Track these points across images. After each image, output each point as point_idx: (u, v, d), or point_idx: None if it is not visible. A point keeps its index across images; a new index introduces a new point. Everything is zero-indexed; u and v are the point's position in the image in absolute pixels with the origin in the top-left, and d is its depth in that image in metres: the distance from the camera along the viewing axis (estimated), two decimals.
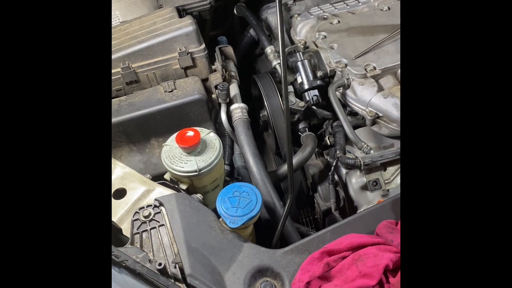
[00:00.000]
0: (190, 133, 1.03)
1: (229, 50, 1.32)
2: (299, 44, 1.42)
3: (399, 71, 1.25)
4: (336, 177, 1.26)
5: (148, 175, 1.09)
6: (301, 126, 1.36)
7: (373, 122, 1.23)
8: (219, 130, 1.31)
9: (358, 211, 1.20)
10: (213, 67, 1.23)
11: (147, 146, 1.23)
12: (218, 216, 0.99)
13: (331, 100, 1.24)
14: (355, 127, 1.31)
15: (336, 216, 1.23)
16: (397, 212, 0.94)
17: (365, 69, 1.25)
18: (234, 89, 1.25)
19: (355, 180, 1.23)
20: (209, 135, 1.09)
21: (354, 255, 0.87)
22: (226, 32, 1.71)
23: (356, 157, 1.17)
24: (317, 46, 1.37)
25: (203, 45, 1.21)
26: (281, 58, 0.95)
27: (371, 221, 0.93)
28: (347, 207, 1.24)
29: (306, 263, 0.89)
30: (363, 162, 1.14)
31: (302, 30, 1.48)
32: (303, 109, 1.31)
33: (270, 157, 1.53)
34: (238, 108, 1.20)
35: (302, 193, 1.34)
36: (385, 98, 1.19)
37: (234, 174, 1.34)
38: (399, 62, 1.25)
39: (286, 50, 1.44)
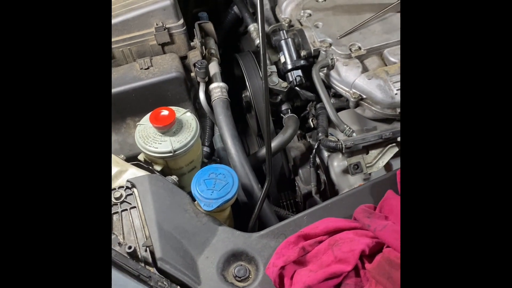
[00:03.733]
0: (165, 112, 0.99)
1: (209, 26, 1.27)
2: (283, 23, 1.37)
3: (385, 51, 1.21)
4: (317, 160, 1.23)
5: (122, 156, 1.05)
6: (283, 107, 1.32)
7: (357, 104, 1.19)
8: (199, 110, 1.27)
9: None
10: (192, 44, 1.18)
11: (122, 125, 1.19)
12: (193, 199, 0.95)
13: (314, 81, 1.20)
14: (339, 109, 1.27)
15: (317, 199, 1.20)
16: (375, 196, 0.92)
17: (350, 49, 1.21)
18: (213, 68, 1.21)
19: (337, 164, 1.20)
20: (185, 114, 1.05)
21: (330, 239, 0.84)
22: (211, 9, 1.65)
23: (338, 139, 1.14)
24: (301, 25, 1.33)
25: (181, 21, 1.16)
26: (260, 37, 0.91)
27: (349, 205, 0.91)
28: (328, 190, 1.21)
29: (281, 247, 0.86)
30: (345, 145, 1.11)
31: (287, 8, 1.43)
32: (285, 90, 1.27)
33: (253, 139, 1.50)
34: (218, 88, 1.16)
35: (283, 176, 1.31)
36: (369, 79, 1.15)
37: (214, 156, 1.30)
38: (385, 42, 1.21)
39: (269, 28, 1.40)
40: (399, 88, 1.12)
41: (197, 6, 1.66)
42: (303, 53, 1.25)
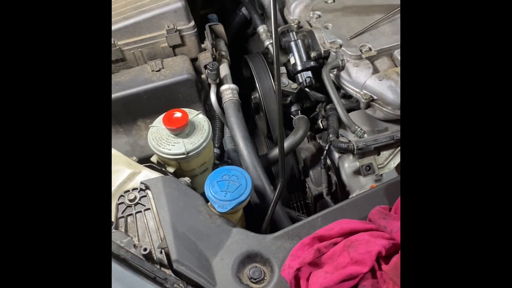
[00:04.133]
0: (178, 114, 0.99)
1: (220, 28, 1.27)
2: (292, 24, 1.38)
3: (395, 52, 1.22)
4: (328, 161, 1.22)
5: (135, 158, 1.05)
6: (293, 109, 1.32)
7: (368, 105, 1.19)
8: (209, 112, 1.27)
9: (350, 196, 1.18)
10: (202, 45, 1.19)
11: (133, 127, 1.19)
12: (207, 200, 0.95)
13: (325, 82, 1.20)
14: (349, 110, 1.27)
15: (328, 201, 1.20)
16: (390, 197, 0.92)
17: (360, 50, 1.21)
18: (224, 69, 1.21)
19: (348, 165, 1.20)
20: (197, 116, 1.05)
21: (345, 241, 0.84)
22: (218, 11, 1.66)
23: (349, 141, 1.14)
24: (311, 26, 1.33)
25: (192, 23, 1.16)
26: (273, 38, 0.91)
27: (364, 207, 0.91)
28: (339, 192, 1.21)
29: (296, 249, 0.86)
30: (356, 146, 1.11)
31: (296, 9, 1.43)
32: (295, 91, 1.27)
33: (262, 141, 1.50)
34: (229, 89, 1.16)
35: (293, 177, 1.31)
36: (380, 80, 1.15)
37: (224, 157, 1.30)
38: (396, 43, 1.22)
39: (278, 29, 1.40)
40: None
41: (204, 7, 1.67)
42: (313, 54, 1.25)
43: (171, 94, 1.15)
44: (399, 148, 1.15)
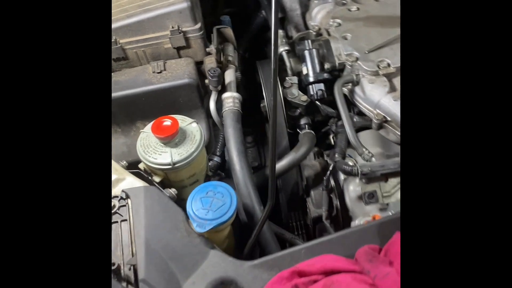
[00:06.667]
0: (167, 122, 0.94)
1: (229, 31, 1.20)
2: (311, 30, 1.29)
3: None
4: (332, 182, 1.14)
5: (124, 162, 1.01)
6: (302, 121, 1.24)
7: (380, 126, 1.09)
8: (213, 118, 1.21)
9: (352, 223, 1.09)
10: (207, 49, 1.12)
11: (132, 129, 1.15)
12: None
13: (336, 97, 1.12)
14: (362, 128, 1.18)
15: (327, 225, 1.12)
16: (383, 236, 0.82)
17: (378, 66, 1.11)
18: (229, 76, 1.14)
19: (353, 188, 1.11)
20: (191, 125, 0.99)
21: (326, 280, 0.76)
22: (240, 10, 1.59)
23: (354, 164, 1.05)
24: (329, 35, 1.24)
25: (199, 24, 1.10)
26: (272, 50, 0.83)
27: (353, 243, 0.82)
28: (341, 216, 1.13)
29: (273, 282, 0.79)
30: (361, 171, 1.02)
31: (317, 15, 1.35)
32: (305, 104, 1.19)
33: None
34: (230, 98, 1.10)
35: (295, 194, 1.24)
36: (395, 101, 1.05)
37: (226, 167, 1.24)
38: None
39: (296, 36, 1.32)
40: None
41: (228, 6, 1.61)
42: (326, 66, 1.17)
43: (171, 97, 1.10)
44: None
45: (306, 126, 1.23)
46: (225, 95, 1.11)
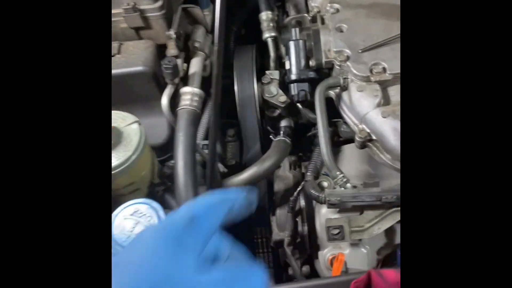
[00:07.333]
0: None
1: (198, 12, 1.01)
2: (305, 14, 1.08)
3: None
4: (302, 203, 0.97)
5: None
6: (282, 124, 1.05)
7: (363, 145, 0.90)
8: None
9: (317, 256, 0.93)
10: (166, 33, 0.95)
11: None
12: None
13: (315, 103, 0.92)
14: (349, 140, 0.99)
15: (287, 253, 0.96)
16: None
17: (371, 70, 0.90)
18: (195, 66, 0.97)
19: (326, 212, 0.93)
20: (130, 126, 0.84)
21: None
22: None
23: (323, 190, 0.87)
24: (323, 23, 1.02)
25: (160, 3, 0.92)
26: (215, 49, 0.65)
27: None
28: (309, 243, 0.96)
29: None
30: (328, 200, 0.84)
31: None
32: (283, 105, 1.00)
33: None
34: (188, 94, 0.93)
35: (263, 208, 1.07)
36: (384, 117, 0.85)
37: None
38: None
39: (288, 19, 1.11)
40: None
41: None
42: (311, 62, 0.96)
43: (124, 86, 0.95)
44: (391, 211, 0.86)
45: (286, 129, 1.05)
46: (184, 89, 0.94)
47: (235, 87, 1.02)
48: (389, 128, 0.84)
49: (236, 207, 0.44)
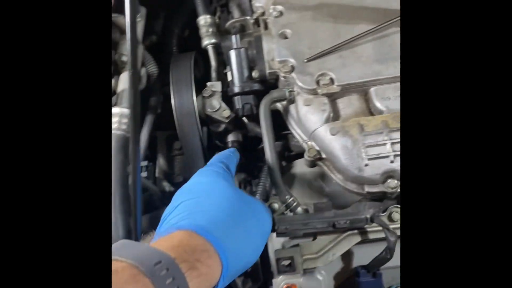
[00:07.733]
0: None
1: (121, 21, 0.90)
2: (248, 17, 0.98)
3: (372, 90, 0.81)
4: None
5: None
6: (230, 139, 0.97)
7: (313, 164, 0.82)
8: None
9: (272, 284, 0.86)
10: None
11: None
12: None
13: (260, 118, 0.84)
14: (301, 154, 0.91)
15: (238, 284, 0.88)
16: None
17: (317, 82, 0.81)
18: (123, 83, 0.87)
19: (278, 240, 0.86)
20: None
21: None
22: None
23: (273, 212, 0.79)
24: (266, 28, 0.93)
25: None
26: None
27: None
28: (261, 272, 0.89)
29: None
30: (277, 229, 0.76)
31: None
32: (227, 121, 0.91)
33: None
34: (116, 116, 0.82)
35: None
36: (333, 134, 0.77)
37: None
38: (374, 78, 0.81)
39: (229, 22, 1.01)
40: (372, 157, 0.74)
41: None
42: (254, 73, 0.88)
43: None
44: (346, 234, 0.79)
45: (233, 144, 0.96)
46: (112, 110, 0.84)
47: (172, 101, 0.92)
48: (339, 147, 0.76)
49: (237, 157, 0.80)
